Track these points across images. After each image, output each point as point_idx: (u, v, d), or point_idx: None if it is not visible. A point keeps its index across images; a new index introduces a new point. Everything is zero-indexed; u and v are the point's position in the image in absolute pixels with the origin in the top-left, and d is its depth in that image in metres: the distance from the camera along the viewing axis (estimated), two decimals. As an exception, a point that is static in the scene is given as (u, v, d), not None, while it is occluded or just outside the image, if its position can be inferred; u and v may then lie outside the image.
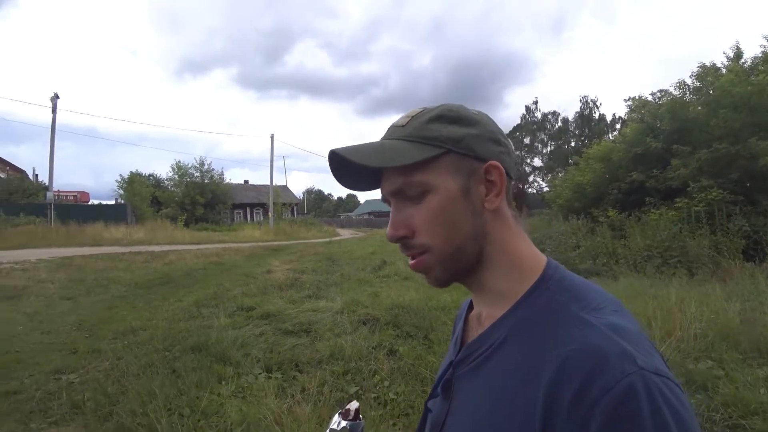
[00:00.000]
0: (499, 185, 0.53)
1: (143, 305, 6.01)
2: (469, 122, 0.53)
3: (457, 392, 0.54)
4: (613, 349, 0.40)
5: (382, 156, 0.51)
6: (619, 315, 0.46)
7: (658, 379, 0.39)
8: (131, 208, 26.28)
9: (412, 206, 0.52)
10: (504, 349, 0.49)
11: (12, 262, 10.00)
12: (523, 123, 53.62)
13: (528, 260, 0.53)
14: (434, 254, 0.52)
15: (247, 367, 3.33)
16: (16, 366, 3.64)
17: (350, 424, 0.73)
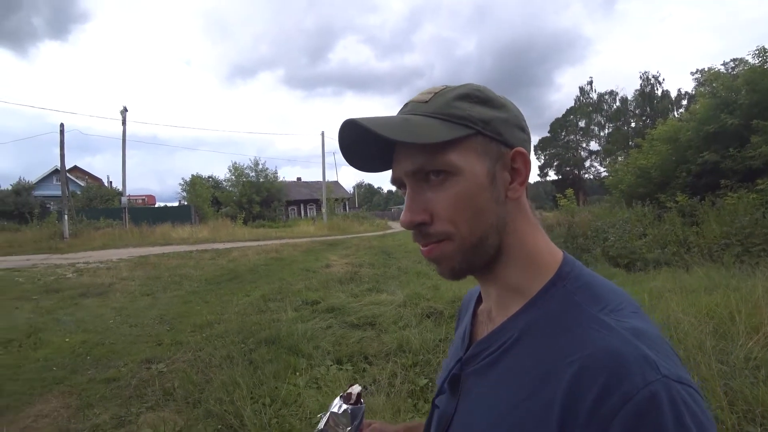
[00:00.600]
0: (524, 173, 0.50)
1: (214, 300, 6.41)
2: (497, 105, 0.50)
3: (466, 390, 0.52)
4: (635, 355, 0.38)
5: (409, 131, 0.46)
6: (638, 317, 0.44)
7: (682, 388, 0.37)
8: (194, 208, 27.97)
9: (431, 189, 0.48)
10: (517, 349, 0.47)
11: (98, 262, 11.02)
12: (577, 105, 51.04)
13: (545, 255, 0.51)
14: (455, 243, 0.48)
15: (319, 358, 3.47)
16: (112, 356, 4.03)
17: (352, 408, 0.72)
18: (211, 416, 2.62)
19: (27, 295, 7.01)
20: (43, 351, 4.21)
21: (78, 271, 9.52)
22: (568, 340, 0.42)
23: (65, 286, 7.72)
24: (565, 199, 11.61)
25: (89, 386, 3.32)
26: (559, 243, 8.65)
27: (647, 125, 32.80)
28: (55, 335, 4.71)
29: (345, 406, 0.72)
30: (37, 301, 6.59)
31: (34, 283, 8.17)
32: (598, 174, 49.59)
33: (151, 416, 2.75)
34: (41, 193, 28.36)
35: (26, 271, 9.75)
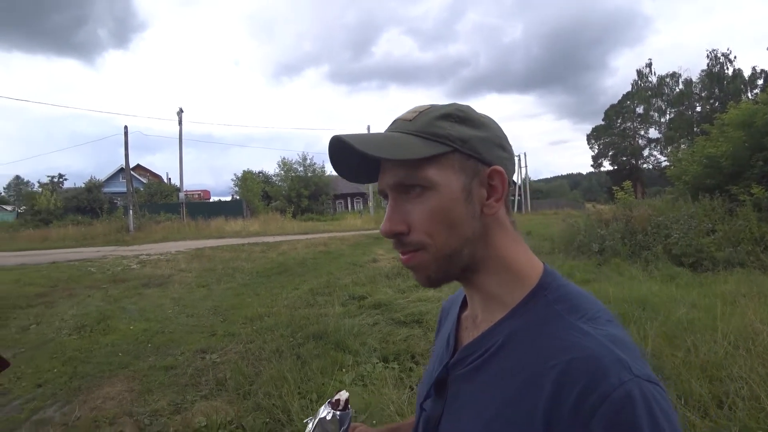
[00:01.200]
0: (500, 190, 0.52)
1: (265, 292, 6.61)
2: (477, 124, 0.53)
3: (453, 394, 0.54)
4: (610, 358, 0.42)
5: (389, 147, 0.50)
6: (612, 325, 0.48)
7: (651, 386, 0.41)
8: (246, 202, 29.12)
9: (410, 202, 0.51)
10: (501, 355, 0.49)
11: (158, 254, 11.74)
12: (635, 90, 47.72)
13: (525, 267, 0.54)
14: (429, 253, 0.51)
15: (365, 355, 3.47)
16: (170, 344, 4.25)
17: (340, 414, 0.73)
18: (260, 409, 2.69)
19: (98, 284, 7.59)
20: (111, 337, 4.53)
21: (141, 263, 10.19)
22: (550, 346, 0.45)
23: (130, 277, 8.29)
24: (622, 192, 10.89)
25: (150, 372, 3.52)
26: (616, 239, 8.21)
27: (716, 109, 30.06)
28: (120, 322, 5.05)
29: (333, 412, 0.73)
30: (106, 289, 7.12)
31: (103, 273, 8.83)
32: (658, 164, 46.27)
33: (204, 405, 2.86)
34: (109, 190, 30.61)
35: (97, 261, 10.57)
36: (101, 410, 2.91)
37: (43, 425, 2.78)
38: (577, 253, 8.65)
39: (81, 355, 4.01)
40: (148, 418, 2.76)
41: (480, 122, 0.53)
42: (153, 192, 30.52)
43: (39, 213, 24.52)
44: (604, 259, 7.74)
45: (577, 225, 10.05)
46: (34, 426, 2.78)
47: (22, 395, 3.25)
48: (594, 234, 8.90)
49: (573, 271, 6.60)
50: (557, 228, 11.41)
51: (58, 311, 5.71)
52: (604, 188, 58.51)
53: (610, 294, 4.25)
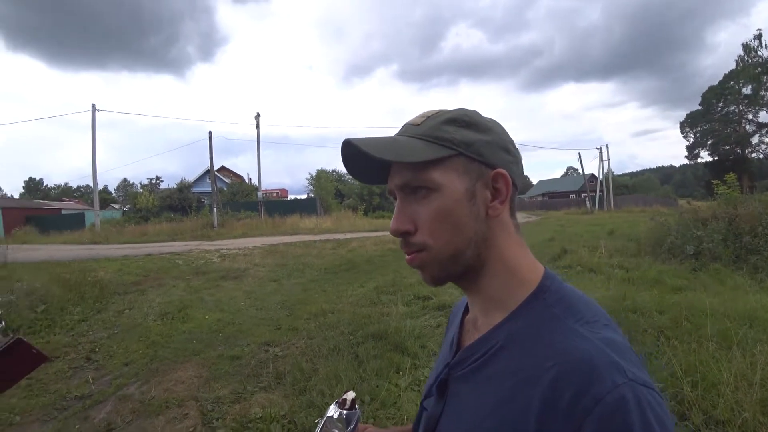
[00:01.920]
0: (504, 193, 0.54)
1: (331, 289, 6.75)
2: (481, 128, 0.54)
3: (453, 394, 0.55)
4: (605, 361, 0.42)
5: (395, 150, 0.52)
6: (609, 329, 0.48)
7: (646, 390, 0.41)
8: (320, 200, 30.24)
9: (417, 202, 0.53)
10: (500, 356, 0.50)
11: (237, 249, 12.55)
12: (740, 67, 41.79)
13: (526, 270, 0.54)
14: (431, 253, 0.53)
15: (424, 359, 3.35)
16: (239, 335, 4.47)
17: (347, 413, 0.74)
18: (312, 407, 2.69)
19: (182, 275, 8.28)
20: (188, 325, 4.88)
21: (221, 257, 10.95)
22: (547, 349, 0.46)
23: (211, 269, 8.93)
24: (724, 186, 9.55)
25: (218, 361, 3.72)
26: (716, 242, 7.22)
27: None
28: (198, 312, 5.43)
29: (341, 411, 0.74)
30: (189, 281, 7.73)
31: (188, 265, 9.62)
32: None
33: (262, 396, 2.94)
34: (197, 190, 33.41)
35: (184, 255, 11.55)
36: (172, 392, 3.13)
37: (126, 400, 3.07)
38: (667, 256, 7.73)
39: (162, 339, 4.36)
40: (211, 405, 2.91)
41: (485, 126, 0.55)
42: (235, 191, 32.81)
43: (140, 211, 27.49)
44: (701, 264, 6.83)
45: (667, 224, 9.00)
46: (119, 400, 3.07)
47: (112, 371, 3.63)
48: (688, 235, 7.90)
49: (662, 276, 5.87)
50: (644, 227, 10.33)
51: (147, 298, 6.30)
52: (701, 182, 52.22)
53: (707, 306, 3.68)
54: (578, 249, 8.28)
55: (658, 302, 4.26)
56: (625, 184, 66.84)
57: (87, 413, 2.93)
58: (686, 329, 3.37)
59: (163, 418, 2.78)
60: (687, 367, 2.59)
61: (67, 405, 3.07)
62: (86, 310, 5.63)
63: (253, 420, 2.60)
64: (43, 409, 2.99)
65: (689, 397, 2.31)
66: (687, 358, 2.71)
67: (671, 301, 4.24)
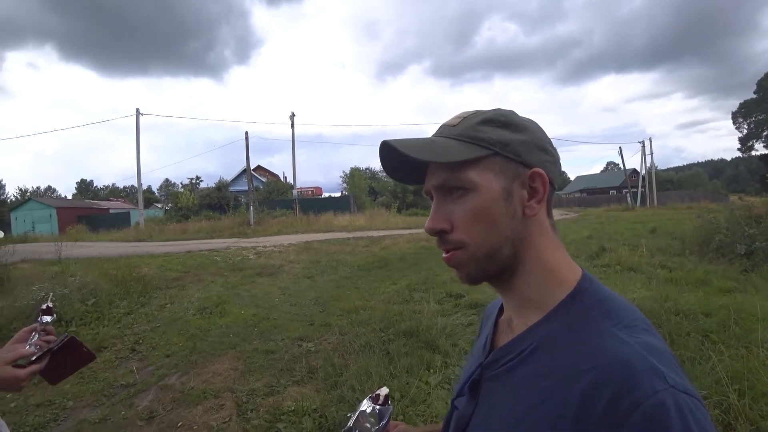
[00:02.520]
0: (541, 192, 0.53)
1: (364, 286, 6.80)
2: (518, 128, 0.54)
3: (485, 394, 0.55)
4: (645, 366, 0.41)
5: (432, 151, 0.52)
6: (649, 334, 0.47)
7: (688, 398, 0.40)
8: (353, 198, 30.54)
9: (453, 202, 0.54)
10: (535, 357, 0.50)
11: (273, 246, 12.86)
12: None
13: (563, 271, 0.54)
14: (469, 251, 0.53)
15: (455, 357, 3.32)
16: (273, 330, 4.59)
17: (380, 408, 0.75)
18: (343, 401, 2.73)
19: (220, 272, 8.57)
20: (225, 319, 5.05)
21: (257, 254, 11.25)
22: (584, 351, 0.45)
23: (247, 266, 9.20)
24: (781, 182, 8.93)
25: (253, 354, 3.84)
26: (764, 241, 6.74)
27: None
28: (235, 307, 5.61)
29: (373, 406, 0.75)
30: (227, 277, 7.99)
31: (226, 262, 9.94)
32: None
33: (295, 390, 3.01)
34: (235, 189, 34.50)
35: (222, 252, 11.95)
36: (210, 383, 3.26)
37: (167, 390, 3.22)
38: (715, 255, 7.30)
39: (200, 333, 4.53)
40: (246, 396, 3.00)
41: (522, 126, 0.55)
42: (271, 190, 33.65)
43: (181, 209, 28.66)
44: (753, 264, 6.40)
45: (716, 221, 8.48)
46: (161, 390, 3.23)
47: (155, 363, 3.81)
48: (739, 233, 7.43)
49: (709, 277, 5.55)
50: (690, 225, 9.79)
51: (187, 293, 6.57)
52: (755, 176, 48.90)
53: (758, 310, 3.45)
54: (618, 247, 7.97)
55: (704, 304, 4.02)
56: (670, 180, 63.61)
57: (131, 401, 3.10)
58: (734, 334, 3.17)
59: (201, 408, 2.89)
60: (734, 374, 2.44)
61: (114, 392, 3.25)
62: (131, 303, 5.93)
63: (285, 413, 2.67)
64: (93, 396, 3.19)
65: (735, 406, 2.18)
66: (734, 365, 2.56)
67: (719, 304, 4.00)
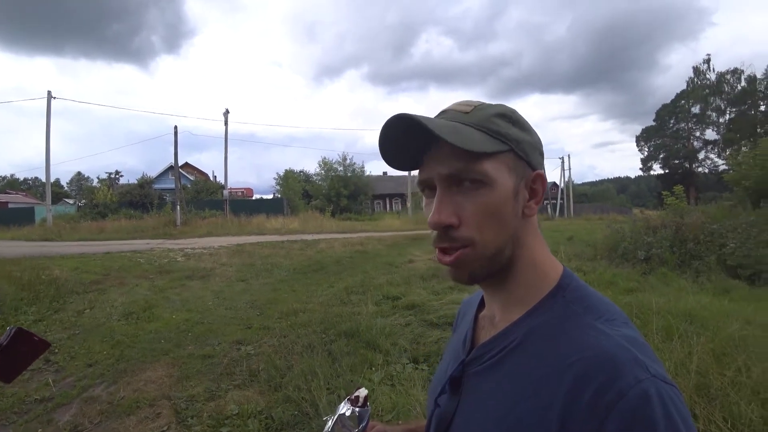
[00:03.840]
0: (540, 194, 0.54)
1: (301, 289, 6.75)
2: (526, 127, 0.55)
3: (468, 390, 0.55)
4: (627, 357, 0.43)
5: (459, 136, 0.48)
6: (629, 327, 0.49)
7: (668, 387, 0.41)
8: (287, 201, 29.85)
9: (462, 194, 0.51)
10: (519, 353, 0.50)
11: (202, 248, 12.25)
12: (691, 88, 44.71)
13: (547, 268, 0.55)
14: (476, 250, 0.51)
15: (395, 356, 3.47)
16: (209, 335, 4.43)
17: (359, 411, 0.74)
18: (289, 401, 2.75)
19: (146, 274, 8.03)
20: (155, 324, 4.78)
21: (186, 256, 10.67)
22: (568, 345, 0.46)
23: (175, 268, 8.70)
24: (672, 197, 10.26)
25: (189, 360, 3.69)
26: (664, 248, 7.75)
27: (783, 110, 27.67)
28: (164, 311, 5.32)
29: (353, 408, 0.75)
30: (153, 280, 7.52)
31: (151, 264, 9.32)
32: (715, 168, 43.24)
33: (237, 394, 2.97)
34: (160, 186, 32.28)
35: (146, 253, 11.17)
36: (143, 392, 3.09)
37: (92, 402, 2.99)
38: (621, 260, 8.24)
39: (128, 339, 4.25)
40: (185, 403, 2.90)
41: (528, 126, 0.55)
42: (199, 189, 31.88)
43: (97, 206, 26.22)
44: (650, 268, 7.33)
45: (622, 231, 9.56)
46: (85, 402, 2.99)
47: (75, 373, 3.51)
48: (640, 241, 8.45)
49: (616, 279, 6.29)
50: (601, 234, 10.91)
51: (109, 298, 6.10)
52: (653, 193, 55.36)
53: (653, 305, 4.02)
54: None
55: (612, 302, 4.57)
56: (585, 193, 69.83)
57: (50, 416, 2.85)
58: (636, 325, 3.65)
59: (135, 418, 2.75)
60: None
61: (27, 409, 2.96)
62: (42, 309, 5.40)
63: (229, 417, 2.63)
64: (1, 414, 2.88)
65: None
66: None
67: (624, 302, 4.57)
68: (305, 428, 2.48)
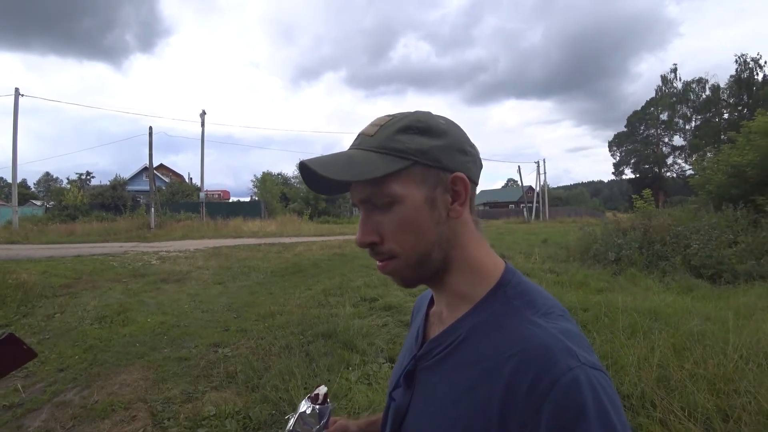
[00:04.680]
0: (463, 195, 0.55)
1: (279, 291, 6.73)
2: (436, 133, 0.55)
3: (420, 384, 0.58)
4: (560, 348, 0.46)
5: (351, 169, 0.52)
6: (564, 319, 0.52)
7: (597, 372, 0.45)
8: (264, 204, 29.51)
9: (380, 214, 0.54)
10: (464, 347, 0.53)
11: (177, 251, 12.04)
12: (659, 96, 46.48)
13: (487, 265, 0.57)
14: (401, 260, 0.55)
15: (372, 356, 3.53)
16: (185, 337, 4.39)
17: (320, 408, 0.76)
18: (267, 401, 2.77)
19: (119, 278, 7.85)
20: (129, 328, 4.70)
21: (161, 259, 10.47)
22: (507, 339, 0.50)
23: (150, 272, 8.54)
24: (641, 201, 10.68)
25: (164, 363, 3.65)
26: (633, 249, 8.06)
27: (744, 116, 29.02)
28: (139, 315, 5.23)
29: (313, 407, 0.76)
30: (127, 283, 7.36)
31: (124, 267, 9.11)
32: (682, 172, 45.10)
33: (214, 395, 2.96)
34: (133, 188, 31.43)
35: (119, 256, 10.90)
36: (117, 396, 3.05)
37: (64, 407, 2.93)
38: (592, 261, 8.53)
39: (101, 343, 4.17)
40: (161, 405, 2.88)
41: (440, 130, 0.55)
42: (175, 191, 31.26)
43: (66, 208, 25.35)
44: (620, 268, 7.61)
45: (593, 233, 9.89)
46: (56, 407, 2.93)
47: (45, 378, 3.42)
48: (611, 243, 8.75)
49: (587, 279, 6.51)
50: (574, 236, 11.25)
51: (81, 302, 5.94)
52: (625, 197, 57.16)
53: (619, 303, 4.21)
54: (515, 255, 8.85)
55: (583, 302, 4.77)
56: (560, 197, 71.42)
57: (20, 422, 2.78)
58: (604, 323, 3.85)
59: (109, 422, 2.71)
60: (603, 354, 3.03)
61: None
62: (9, 314, 5.23)
63: (206, 417, 2.63)
64: (-34, 422, 2.80)
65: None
66: (603, 347, 3.17)
67: (594, 301, 4.76)
68: (283, 427, 2.52)
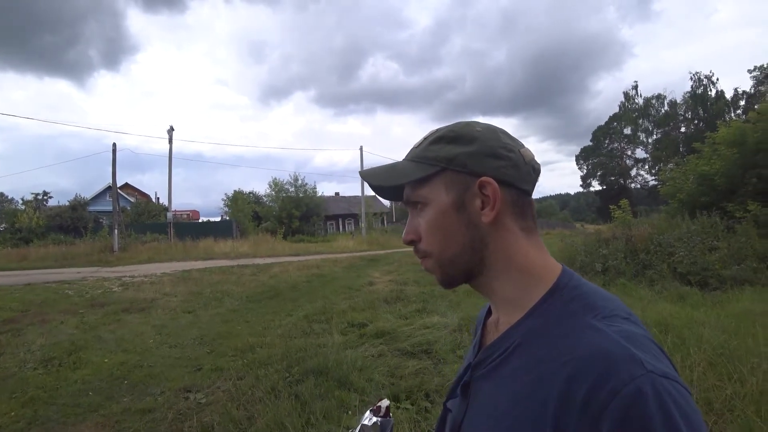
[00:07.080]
0: (492, 200, 0.54)
1: (256, 319, 6.16)
2: (466, 140, 0.56)
3: (475, 393, 0.56)
4: (622, 354, 0.42)
5: (389, 176, 0.60)
6: (629, 322, 0.48)
7: (667, 382, 0.40)
8: (236, 223, 28.48)
9: (418, 216, 0.59)
10: (518, 354, 0.51)
11: (143, 276, 11.19)
12: (622, 111, 48.61)
13: (538, 269, 0.55)
14: (433, 259, 0.58)
15: (373, 394, 3.06)
16: (150, 381, 3.80)
17: (381, 421, 0.74)
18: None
19: (74, 309, 7.06)
20: (82, 372, 4.06)
21: (124, 285, 9.65)
22: (563, 345, 0.47)
23: (110, 300, 7.77)
24: (619, 211, 10.72)
25: (123, 417, 3.07)
26: (618, 259, 7.95)
27: (701, 129, 30.64)
28: (95, 354, 4.58)
29: (375, 419, 0.73)
30: (83, 315, 6.60)
31: (81, 296, 8.29)
32: (646, 183, 47.23)
33: (187, 461, 2.44)
34: (95, 209, 29.76)
35: (76, 283, 9.99)
36: (63, 467, 2.47)
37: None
38: (579, 273, 8.24)
39: (45, 394, 3.53)
40: (118, 479, 2.33)
41: (470, 137, 0.56)
42: (140, 211, 29.76)
43: (19, 231, 23.59)
44: (609, 279, 7.49)
45: (576, 244, 9.81)
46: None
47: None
48: (596, 254, 8.67)
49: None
50: (555, 247, 11.15)
51: (25, 340, 5.19)
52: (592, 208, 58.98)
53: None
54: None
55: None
56: (530, 208, 73.21)
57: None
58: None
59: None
60: None
61: None
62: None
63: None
64: None
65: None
66: None
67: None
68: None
